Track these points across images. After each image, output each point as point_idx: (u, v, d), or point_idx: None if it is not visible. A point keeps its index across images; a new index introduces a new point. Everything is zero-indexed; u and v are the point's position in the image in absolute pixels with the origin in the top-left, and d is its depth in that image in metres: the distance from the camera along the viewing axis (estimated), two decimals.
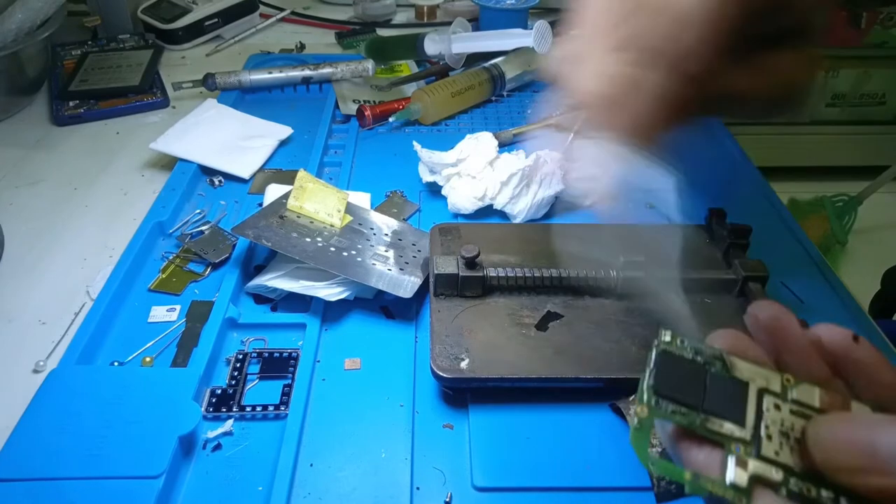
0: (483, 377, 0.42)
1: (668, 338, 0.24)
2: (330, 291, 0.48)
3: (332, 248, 0.50)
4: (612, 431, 0.42)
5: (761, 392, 0.24)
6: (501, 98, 0.81)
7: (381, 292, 0.49)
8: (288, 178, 0.59)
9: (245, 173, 0.64)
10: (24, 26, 0.71)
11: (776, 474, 0.22)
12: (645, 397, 0.23)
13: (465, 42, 0.81)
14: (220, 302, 0.48)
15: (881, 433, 0.20)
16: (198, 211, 0.60)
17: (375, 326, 0.49)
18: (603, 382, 0.42)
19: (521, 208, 0.58)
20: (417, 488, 0.38)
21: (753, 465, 0.22)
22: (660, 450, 0.39)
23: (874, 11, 1.80)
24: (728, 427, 0.23)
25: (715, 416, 0.23)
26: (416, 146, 0.61)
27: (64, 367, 0.44)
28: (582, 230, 0.55)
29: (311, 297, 0.49)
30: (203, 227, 0.57)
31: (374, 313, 0.50)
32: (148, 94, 0.78)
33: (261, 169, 0.66)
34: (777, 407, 0.23)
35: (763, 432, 0.23)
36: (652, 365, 0.24)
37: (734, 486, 0.22)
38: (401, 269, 0.50)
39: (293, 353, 0.46)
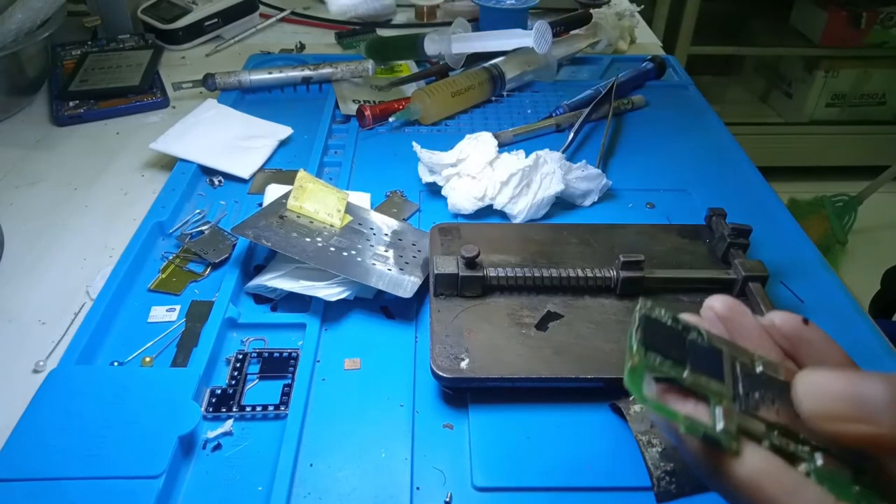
0: (483, 377, 0.42)
1: (649, 304, 0.26)
2: (330, 291, 0.48)
3: (332, 248, 0.50)
4: (612, 431, 0.42)
5: (734, 360, 0.25)
6: (501, 98, 0.81)
7: (381, 292, 0.49)
8: (288, 178, 0.59)
9: (245, 173, 0.64)
10: (24, 26, 0.71)
11: (758, 427, 0.24)
12: (635, 348, 0.24)
13: (465, 42, 0.81)
14: (220, 302, 0.48)
15: (867, 384, 0.22)
16: (198, 211, 0.60)
17: (375, 326, 0.49)
18: (603, 382, 0.42)
19: (521, 208, 0.58)
20: (417, 488, 0.38)
21: (739, 417, 0.24)
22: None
23: (874, 11, 1.80)
24: (711, 383, 0.24)
25: (699, 373, 0.24)
26: (416, 147, 0.61)
27: (64, 367, 0.44)
28: (582, 230, 0.55)
29: (311, 297, 0.49)
30: (203, 227, 0.57)
31: (374, 313, 0.50)
32: (148, 95, 0.78)
33: (261, 169, 0.66)
34: (748, 375, 0.25)
35: (741, 392, 0.24)
36: (637, 324, 0.25)
37: (725, 431, 0.23)
38: (401, 269, 0.50)
39: (293, 353, 0.46)
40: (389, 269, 0.50)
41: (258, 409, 0.42)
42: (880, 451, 0.22)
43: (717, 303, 0.27)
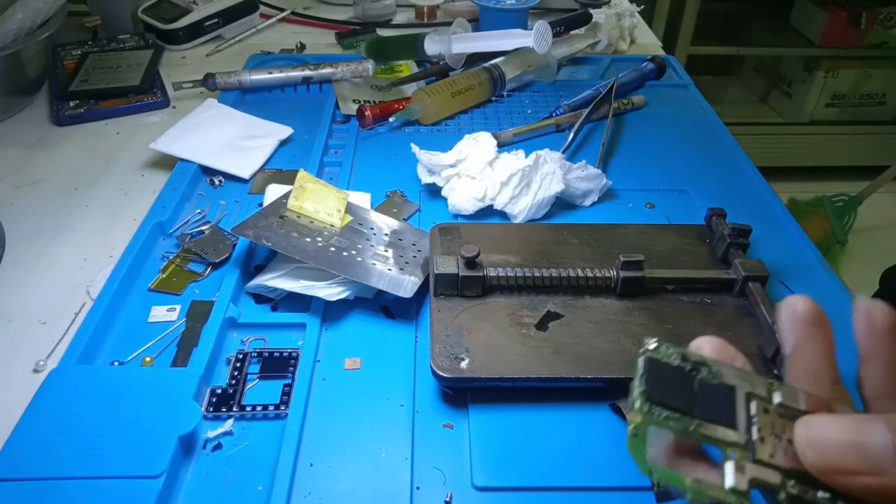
0: (483, 377, 0.42)
1: (653, 345, 0.24)
2: (330, 291, 0.48)
3: (332, 248, 0.50)
4: (612, 431, 0.42)
5: (749, 396, 0.24)
6: (501, 98, 0.81)
7: (381, 292, 0.49)
8: (288, 178, 0.59)
9: (245, 173, 0.64)
10: (25, 26, 0.71)
11: (774, 477, 0.22)
12: (637, 404, 0.23)
13: (465, 42, 0.81)
14: (220, 302, 0.48)
15: (870, 433, 0.21)
16: (198, 211, 0.60)
17: (375, 326, 0.49)
18: (603, 382, 0.42)
19: (521, 208, 0.58)
20: (417, 488, 0.38)
21: (751, 468, 0.22)
22: (652, 451, 0.39)
23: (874, 11, 1.80)
24: (721, 431, 0.23)
25: (707, 421, 0.23)
26: (414, 148, 0.61)
27: (64, 367, 0.44)
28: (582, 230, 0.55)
29: (311, 297, 0.49)
30: (203, 227, 0.57)
31: (374, 313, 0.50)
32: (148, 95, 0.78)
33: (261, 169, 0.66)
34: (765, 410, 0.23)
35: (755, 436, 0.23)
36: (641, 371, 0.23)
37: (735, 491, 0.22)
38: (401, 269, 0.51)
39: (293, 353, 0.46)
40: (389, 269, 0.50)
41: (258, 408, 0.42)
42: (892, 502, 0.21)
43: (801, 304, 0.25)
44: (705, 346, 0.26)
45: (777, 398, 0.23)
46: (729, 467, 0.22)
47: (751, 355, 0.37)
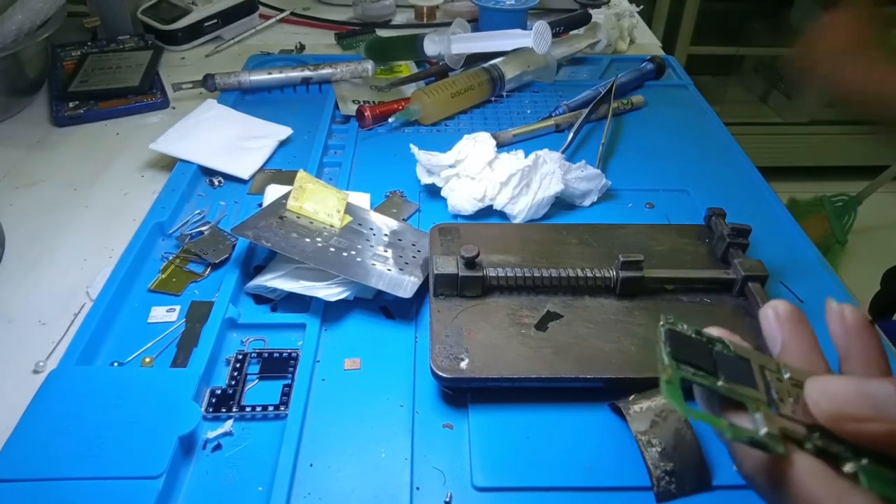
0: (483, 377, 0.42)
1: (672, 320, 0.26)
2: (330, 291, 0.48)
3: (332, 249, 0.50)
4: (612, 431, 0.42)
5: (762, 367, 0.25)
6: (501, 98, 0.81)
7: (380, 292, 0.49)
8: (288, 178, 0.59)
9: (245, 174, 0.64)
10: (24, 27, 0.71)
11: (799, 430, 0.24)
12: (666, 361, 0.24)
13: (465, 42, 0.81)
14: (220, 302, 0.48)
15: (875, 385, 0.22)
16: (198, 211, 0.60)
17: (375, 326, 0.49)
18: (603, 382, 0.42)
19: (521, 208, 0.58)
20: (417, 488, 0.38)
21: (779, 420, 0.24)
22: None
23: None
24: (746, 390, 0.24)
25: (731, 381, 0.24)
26: (414, 149, 0.61)
27: (64, 368, 0.44)
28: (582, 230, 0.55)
29: (311, 298, 0.49)
30: (203, 228, 0.57)
31: (374, 313, 0.50)
32: (148, 95, 0.78)
33: (260, 169, 0.66)
34: (778, 380, 0.25)
35: (775, 396, 0.24)
36: (664, 339, 0.25)
37: (770, 436, 0.23)
38: (400, 270, 0.51)
39: (293, 354, 0.46)
40: (389, 270, 0.50)
41: (258, 409, 0.42)
42: None
43: (781, 306, 0.27)
44: (713, 332, 0.27)
45: (787, 374, 0.25)
46: (759, 417, 0.23)
47: None
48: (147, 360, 0.45)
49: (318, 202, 0.54)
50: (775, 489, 0.24)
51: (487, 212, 0.60)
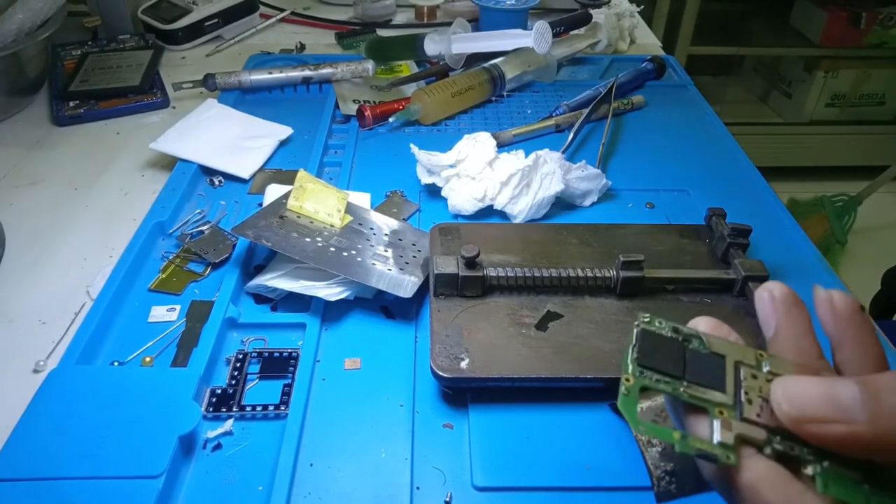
0: (483, 377, 0.42)
1: (647, 318, 0.26)
2: (330, 291, 0.48)
3: (332, 248, 0.50)
4: (612, 431, 0.42)
5: (737, 364, 0.25)
6: (501, 98, 0.81)
7: (381, 292, 0.49)
8: (288, 178, 0.59)
9: (245, 173, 0.64)
10: (25, 27, 0.71)
11: (759, 434, 0.23)
12: (630, 369, 0.24)
13: (465, 42, 0.81)
14: (220, 302, 0.48)
15: (841, 386, 0.22)
16: (198, 211, 0.60)
17: (375, 326, 0.49)
18: (603, 382, 0.42)
19: (521, 208, 0.58)
20: (417, 488, 0.38)
21: (738, 426, 0.23)
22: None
23: (874, 11, 1.80)
24: (710, 393, 0.24)
25: (697, 384, 0.24)
26: (414, 149, 0.61)
27: (64, 367, 0.44)
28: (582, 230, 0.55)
29: (311, 297, 0.49)
30: (203, 227, 0.57)
31: (374, 313, 0.50)
32: (148, 95, 0.78)
33: (261, 169, 0.66)
34: (754, 376, 0.25)
35: (743, 398, 0.24)
36: (634, 341, 0.25)
37: (723, 445, 0.23)
38: (401, 269, 0.51)
39: (293, 353, 0.46)
40: (389, 269, 0.50)
41: (258, 408, 0.42)
42: (863, 452, 0.22)
43: (777, 288, 0.27)
44: (700, 324, 0.27)
45: (766, 367, 0.25)
46: (716, 424, 0.23)
47: None
48: (147, 359, 0.45)
49: (318, 202, 0.54)
50: (730, 495, 0.24)
51: (488, 212, 0.60)
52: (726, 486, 0.23)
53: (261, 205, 0.58)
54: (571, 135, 0.70)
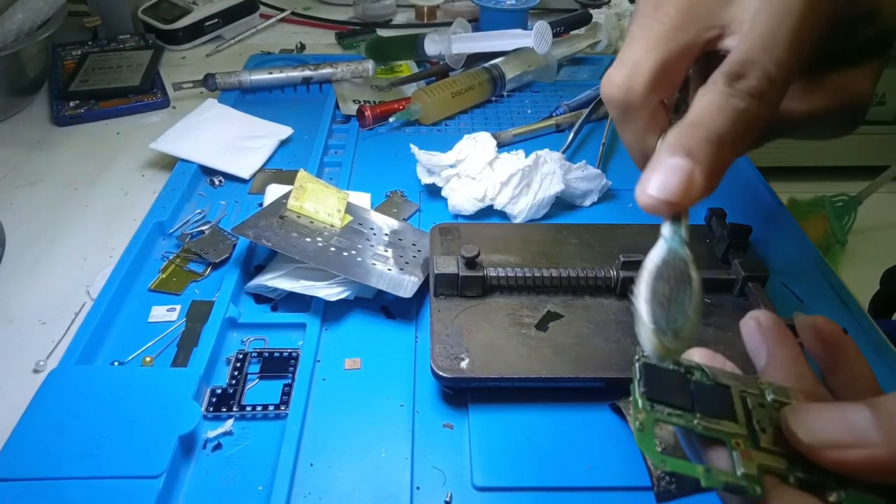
0: (483, 377, 0.42)
1: (645, 353, 0.25)
2: (330, 291, 0.48)
3: (332, 248, 0.50)
4: (612, 431, 0.42)
5: (743, 394, 0.25)
6: (501, 98, 0.81)
7: (381, 292, 0.49)
8: (288, 178, 0.59)
9: (245, 173, 0.64)
10: (25, 26, 0.71)
11: (780, 464, 0.23)
12: (640, 404, 0.24)
13: (465, 42, 0.81)
14: (221, 302, 0.48)
15: (851, 409, 0.22)
16: (198, 211, 0.60)
17: (375, 326, 0.49)
18: (603, 382, 0.42)
19: (521, 208, 0.58)
20: (417, 488, 0.38)
21: (757, 455, 0.23)
22: (660, 449, 0.39)
23: None
24: (724, 424, 0.24)
25: (709, 416, 0.24)
26: (414, 149, 0.61)
27: (64, 367, 0.44)
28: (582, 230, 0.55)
29: (311, 297, 0.49)
30: (203, 227, 0.57)
31: (374, 313, 0.50)
32: (148, 95, 0.78)
33: (261, 169, 0.66)
34: (761, 405, 0.24)
35: (756, 427, 0.24)
36: (639, 376, 0.25)
37: (746, 476, 0.23)
38: (401, 269, 0.51)
39: (293, 353, 0.46)
40: (389, 269, 0.50)
41: (258, 408, 0.42)
42: (882, 475, 0.22)
43: (763, 316, 0.26)
44: (696, 355, 0.27)
45: (770, 395, 0.24)
46: (737, 456, 0.23)
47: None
48: (147, 359, 0.45)
49: (318, 202, 0.54)
50: None
51: (488, 212, 0.60)
52: None
53: (261, 205, 0.58)
54: (571, 135, 0.70)
